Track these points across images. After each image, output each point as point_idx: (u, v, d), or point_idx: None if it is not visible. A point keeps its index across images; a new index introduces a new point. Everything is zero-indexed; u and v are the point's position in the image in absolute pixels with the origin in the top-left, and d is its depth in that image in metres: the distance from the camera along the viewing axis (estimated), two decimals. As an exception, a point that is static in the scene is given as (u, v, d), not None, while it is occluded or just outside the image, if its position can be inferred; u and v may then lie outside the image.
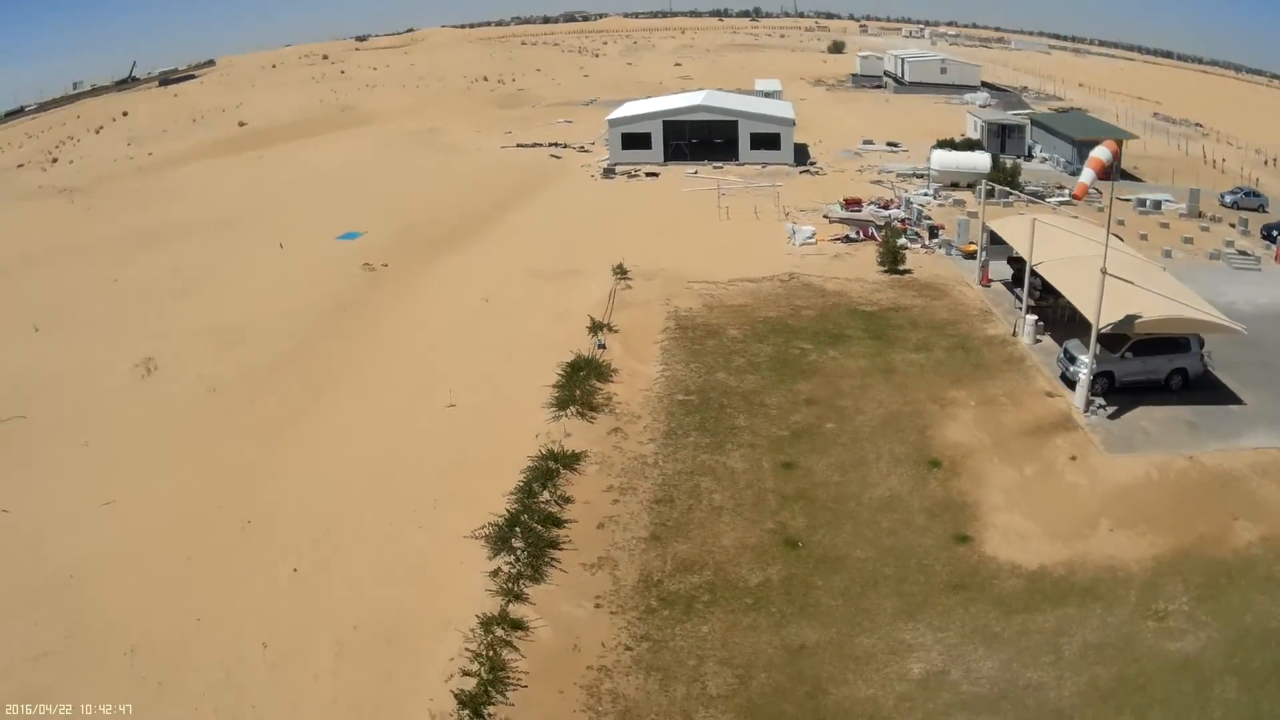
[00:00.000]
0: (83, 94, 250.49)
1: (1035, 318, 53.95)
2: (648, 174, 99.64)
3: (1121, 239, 62.44)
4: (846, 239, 73.25)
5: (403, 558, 34.34)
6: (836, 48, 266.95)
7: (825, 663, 29.61)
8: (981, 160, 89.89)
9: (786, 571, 33.88)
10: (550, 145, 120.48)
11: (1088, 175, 51.75)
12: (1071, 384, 46.91)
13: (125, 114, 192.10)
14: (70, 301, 66.75)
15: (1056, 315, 54.95)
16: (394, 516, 37.04)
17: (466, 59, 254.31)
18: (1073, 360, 47.42)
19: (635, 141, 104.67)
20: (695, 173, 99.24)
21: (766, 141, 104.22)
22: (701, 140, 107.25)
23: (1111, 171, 50.15)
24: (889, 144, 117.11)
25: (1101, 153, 49.92)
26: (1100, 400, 45.69)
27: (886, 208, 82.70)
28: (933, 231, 74.95)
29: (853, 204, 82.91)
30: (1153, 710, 27.66)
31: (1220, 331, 47.25)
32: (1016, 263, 59.53)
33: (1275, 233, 73.55)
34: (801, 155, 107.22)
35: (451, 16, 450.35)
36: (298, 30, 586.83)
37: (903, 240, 69.60)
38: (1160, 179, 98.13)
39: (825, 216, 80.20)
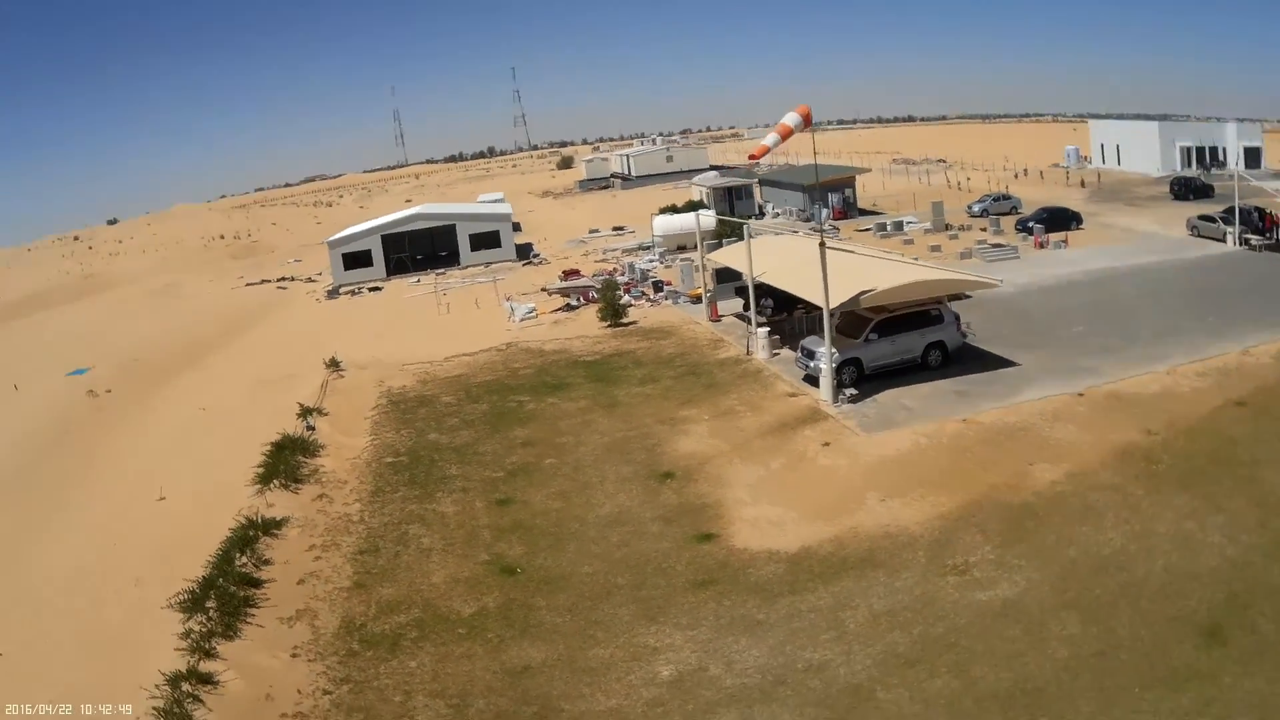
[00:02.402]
0: None
1: (768, 330, 52.93)
2: (371, 289, 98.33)
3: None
4: (568, 307, 73.35)
5: (101, 633, 31.92)
6: (565, 163, 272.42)
7: (554, 680, 27.29)
8: (704, 219, 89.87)
9: (504, 598, 31.90)
10: (279, 280, 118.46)
11: (771, 139, 50.80)
12: (815, 380, 44.96)
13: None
14: None
15: (793, 330, 53.84)
16: (98, 595, 34.71)
17: (206, 224, 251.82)
18: (811, 355, 45.44)
19: (356, 260, 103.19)
20: (418, 281, 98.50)
21: (486, 240, 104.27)
22: (425, 254, 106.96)
23: (803, 128, 48.58)
24: (615, 228, 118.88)
25: (789, 118, 48.52)
26: (851, 390, 43.61)
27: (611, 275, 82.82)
28: (657, 286, 75.44)
29: (571, 274, 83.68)
30: (976, 663, 25.01)
31: (971, 288, 47.14)
32: (746, 291, 57.83)
33: (1031, 224, 78.11)
34: (525, 251, 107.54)
35: (198, 194, 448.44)
36: (55, 222, 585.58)
37: (626, 298, 69.99)
38: (903, 209, 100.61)
39: (544, 289, 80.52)
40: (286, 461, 43.25)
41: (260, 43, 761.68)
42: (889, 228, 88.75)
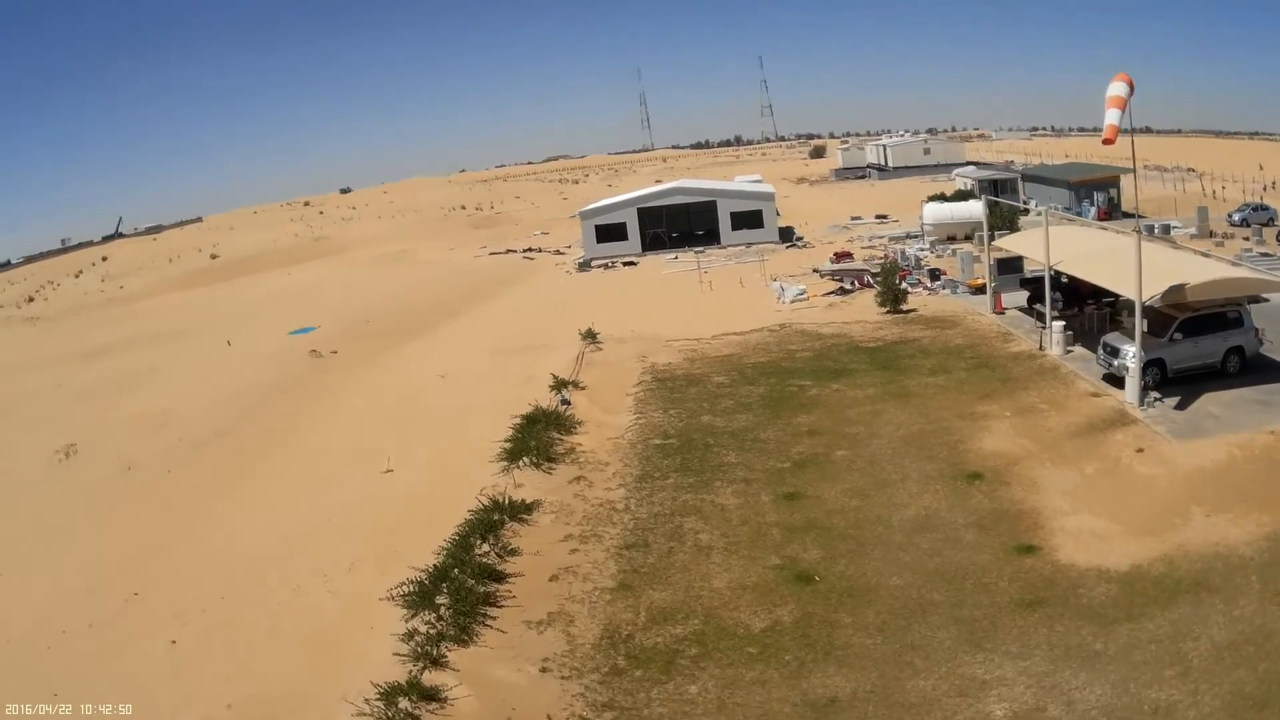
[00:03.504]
0: (69, 248, 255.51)
1: (1063, 324, 48.12)
2: (625, 264, 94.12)
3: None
4: (841, 291, 67.51)
5: (301, 624, 27.82)
6: (818, 153, 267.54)
7: (868, 717, 22.24)
8: (976, 208, 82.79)
9: (801, 611, 26.61)
10: (524, 250, 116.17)
11: (1113, 115, 43.45)
12: (1117, 380, 40.70)
13: (105, 259, 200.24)
14: (5, 407, 65.59)
15: (1084, 326, 49.38)
16: (300, 581, 30.56)
17: (444, 194, 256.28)
18: (1115, 353, 41.22)
19: (610, 234, 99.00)
20: (675, 258, 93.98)
21: (748, 220, 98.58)
22: (681, 231, 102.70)
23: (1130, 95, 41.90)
24: (878, 216, 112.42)
25: (1117, 88, 41.54)
26: (1155, 394, 39.11)
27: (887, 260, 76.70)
28: (934, 274, 69.26)
29: (843, 257, 78.11)
30: (1329, 708, 20.68)
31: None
32: (1031, 284, 54.02)
33: None
34: (787, 234, 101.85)
35: (435, 169, 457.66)
36: (285, 188, 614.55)
37: (904, 285, 63.52)
38: (1163, 214, 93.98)
39: (815, 270, 75.04)
40: (538, 437, 38.79)
41: (499, 20, 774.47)
42: (1156, 230, 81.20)
